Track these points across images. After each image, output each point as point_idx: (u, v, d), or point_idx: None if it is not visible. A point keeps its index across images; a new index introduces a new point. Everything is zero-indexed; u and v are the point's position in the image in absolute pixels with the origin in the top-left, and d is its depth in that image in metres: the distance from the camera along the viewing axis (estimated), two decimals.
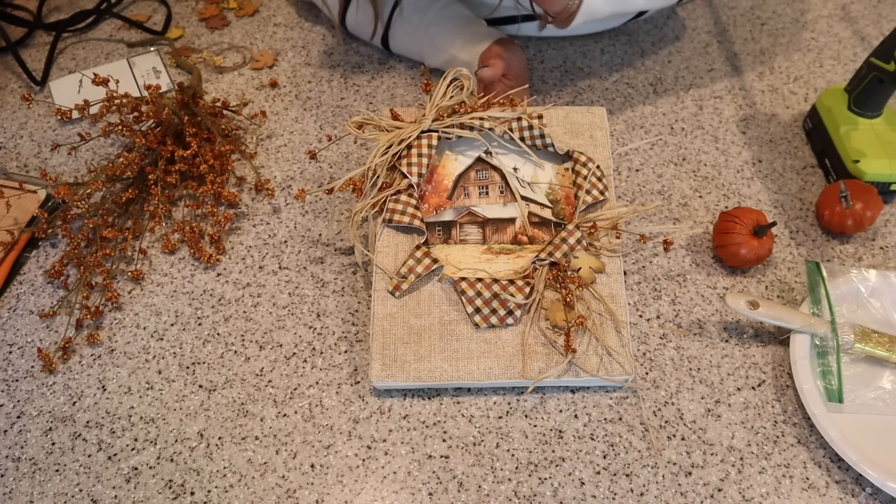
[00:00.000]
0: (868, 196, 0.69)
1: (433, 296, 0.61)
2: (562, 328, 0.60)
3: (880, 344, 0.61)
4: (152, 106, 0.72)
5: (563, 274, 0.62)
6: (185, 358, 0.63)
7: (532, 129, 0.67)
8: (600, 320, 0.61)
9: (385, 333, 0.60)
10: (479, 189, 0.67)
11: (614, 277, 0.63)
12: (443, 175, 0.68)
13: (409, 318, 0.61)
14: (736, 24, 0.94)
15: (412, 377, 0.59)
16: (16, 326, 0.65)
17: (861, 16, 0.95)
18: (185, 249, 0.70)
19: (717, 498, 0.56)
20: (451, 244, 0.64)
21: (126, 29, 0.91)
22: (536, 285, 0.61)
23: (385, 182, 0.65)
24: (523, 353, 0.60)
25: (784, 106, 0.84)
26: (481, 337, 0.60)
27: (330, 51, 0.88)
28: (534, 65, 0.87)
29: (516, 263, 0.63)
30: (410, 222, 0.63)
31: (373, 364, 0.59)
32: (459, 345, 0.60)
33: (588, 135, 0.70)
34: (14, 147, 0.78)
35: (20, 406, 0.60)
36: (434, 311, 0.61)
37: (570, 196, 0.67)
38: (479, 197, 0.66)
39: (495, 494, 0.56)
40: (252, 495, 0.56)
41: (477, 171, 0.68)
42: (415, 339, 0.60)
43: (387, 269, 0.62)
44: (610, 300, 0.62)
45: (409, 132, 0.66)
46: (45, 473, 0.57)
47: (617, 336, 0.61)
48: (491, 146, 0.68)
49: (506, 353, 0.60)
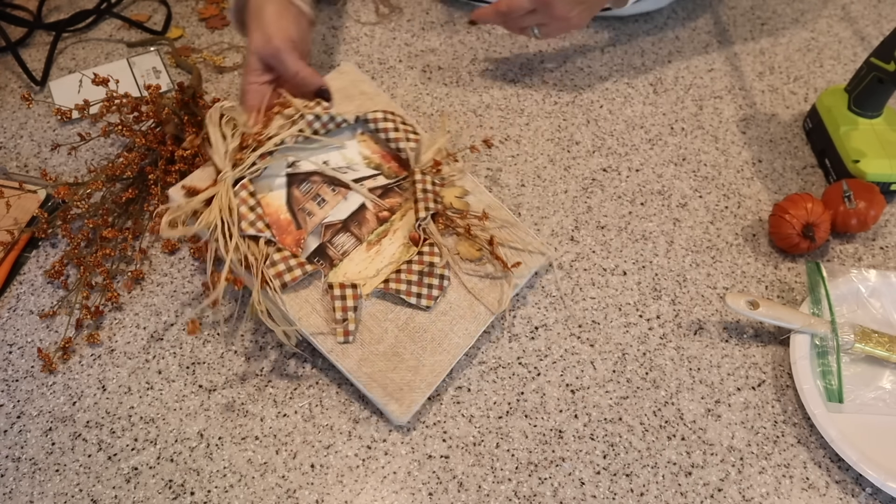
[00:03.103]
0: (871, 195, 0.69)
1: (375, 316, 0.60)
2: (481, 257, 0.64)
3: (880, 344, 0.61)
4: (152, 106, 0.71)
5: (445, 216, 0.65)
6: (185, 358, 0.63)
7: (320, 119, 0.65)
8: (498, 232, 0.66)
9: (373, 378, 0.59)
10: (315, 201, 0.64)
11: (477, 191, 0.68)
12: (275, 212, 0.63)
13: (375, 348, 0.59)
14: (736, 24, 0.94)
15: (425, 388, 0.59)
16: (16, 326, 0.65)
17: (861, 16, 0.95)
18: (185, 249, 0.70)
19: (717, 498, 0.56)
20: (338, 263, 0.62)
21: (126, 29, 0.91)
22: (436, 241, 0.63)
23: (242, 259, 0.59)
24: (476, 297, 0.63)
25: (784, 106, 0.84)
26: (438, 312, 0.62)
27: (330, 51, 0.88)
28: (534, 65, 0.87)
29: (400, 237, 0.64)
30: (304, 274, 0.59)
31: (389, 409, 0.58)
32: (429, 332, 0.61)
33: (358, 92, 0.70)
34: (14, 147, 0.78)
35: (20, 406, 0.60)
36: (387, 325, 0.60)
37: (386, 155, 0.68)
38: (321, 207, 0.64)
39: (495, 494, 0.56)
40: (252, 495, 0.56)
41: (299, 187, 0.64)
42: (396, 359, 0.59)
43: (320, 328, 0.59)
44: (490, 210, 0.67)
45: (223, 195, 0.59)
46: (45, 473, 0.57)
47: (519, 232, 0.67)
48: (288, 159, 0.65)
49: (465, 308, 0.62)
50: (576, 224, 0.73)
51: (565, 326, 0.66)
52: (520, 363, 0.63)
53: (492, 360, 0.63)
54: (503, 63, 0.88)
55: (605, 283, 0.69)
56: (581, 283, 0.69)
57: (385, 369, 0.59)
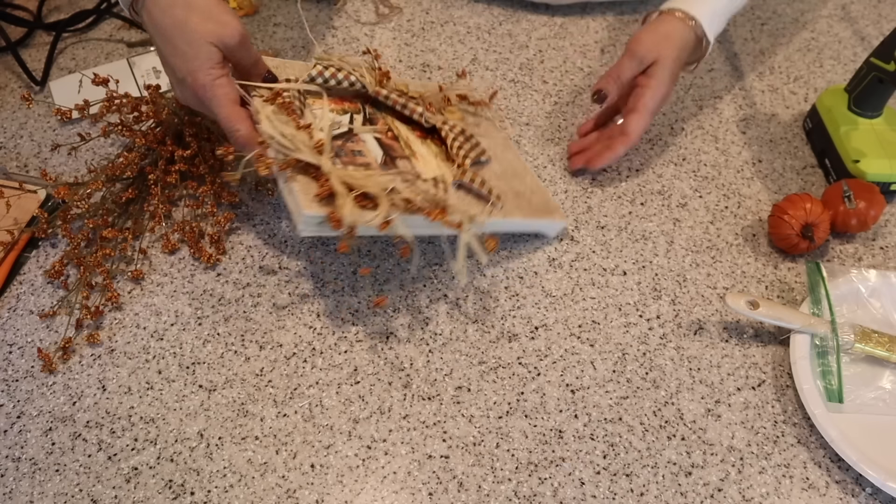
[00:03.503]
0: (871, 195, 0.69)
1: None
2: (463, 117, 0.71)
3: (880, 344, 0.61)
4: (152, 106, 0.72)
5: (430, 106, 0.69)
6: (185, 358, 0.63)
7: (323, 78, 0.66)
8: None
9: (521, 210, 0.67)
10: (357, 156, 0.62)
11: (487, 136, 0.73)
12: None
13: (505, 198, 0.66)
14: (736, 24, 0.94)
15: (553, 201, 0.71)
16: (16, 326, 0.65)
17: (861, 16, 0.95)
18: (185, 249, 0.70)
19: (717, 498, 0.56)
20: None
21: (126, 29, 0.91)
22: (438, 119, 0.68)
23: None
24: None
25: (784, 106, 0.84)
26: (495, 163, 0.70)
27: (330, 50, 0.88)
28: (534, 65, 0.87)
29: (418, 143, 0.68)
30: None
31: (553, 217, 0.68)
32: (506, 169, 0.69)
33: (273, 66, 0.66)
34: (14, 147, 0.78)
35: (20, 406, 0.60)
36: (493, 182, 0.66)
37: (338, 99, 0.68)
38: (364, 156, 0.63)
39: (495, 494, 0.56)
40: (252, 495, 0.56)
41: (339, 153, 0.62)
42: (519, 198, 0.68)
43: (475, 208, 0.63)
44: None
45: (337, 181, 0.57)
46: (45, 473, 0.57)
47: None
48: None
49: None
50: (576, 224, 0.73)
51: (565, 326, 0.66)
52: (520, 363, 0.63)
53: (492, 360, 0.63)
54: (503, 63, 0.88)
55: (605, 283, 0.69)
56: (581, 283, 0.69)
57: (520, 204, 0.66)
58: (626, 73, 0.71)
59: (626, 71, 0.71)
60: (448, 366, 0.63)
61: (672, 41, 0.71)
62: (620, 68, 0.71)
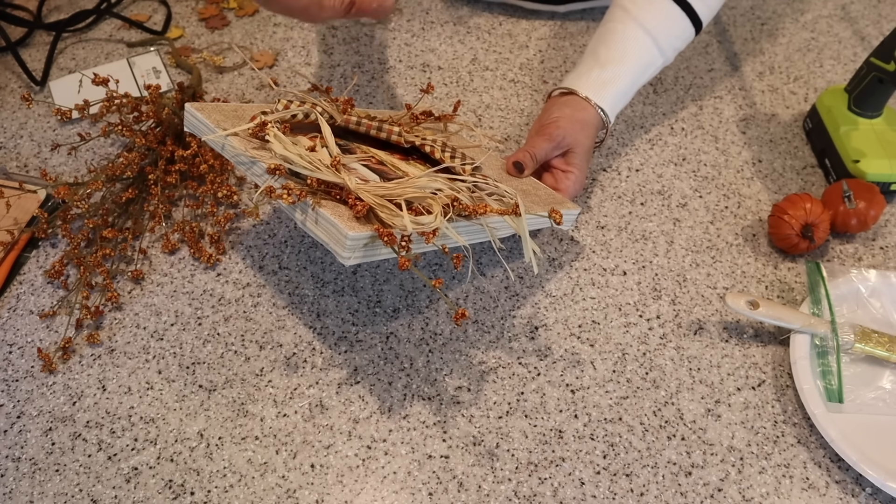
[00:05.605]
0: (871, 195, 0.69)
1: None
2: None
3: (880, 344, 0.61)
4: (152, 106, 0.72)
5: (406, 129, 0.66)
6: (185, 358, 0.63)
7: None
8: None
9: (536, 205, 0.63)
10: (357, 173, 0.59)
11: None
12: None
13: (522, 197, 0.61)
14: (736, 24, 0.94)
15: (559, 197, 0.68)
16: (16, 326, 0.65)
17: (861, 16, 0.95)
18: (185, 249, 0.70)
19: (717, 498, 0.56)
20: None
21: (126, 29, 0.91)
22: (415, 137, 0.64)
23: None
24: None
25: (784, 106, 0.84)
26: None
27: (330, 50, 0.88)
28: (534, 65, 0.87)
29: (401, 162, 0.61)
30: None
31: (568, 207, 0.66)
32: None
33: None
34: (14, 147, 0.78)
35: (20, 406, 0.60)
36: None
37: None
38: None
39: (495, 494, 0.56)
40: (252, 495, 0.56)
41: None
42: (529, 197, 0.65)
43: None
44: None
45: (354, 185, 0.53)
46: (45, 473, 0.57)
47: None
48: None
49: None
50: (576, 224, 0.73)
51: (565, 326, 0.66)
52: (520, 363, 0.63)
53: (492, 360, 0.63)
54: (503, 63, 0.88)
55: (605, 283, 0.69)
56: (581, 283, 0.69)
57: (534, 200, 0.64)
58: (542, 154, 0.69)
59: (543, 153, 0.69)
60: (448, 366, 0.63)
61: (588, 129, 0.69)
62: (537, 148, 0.68)
